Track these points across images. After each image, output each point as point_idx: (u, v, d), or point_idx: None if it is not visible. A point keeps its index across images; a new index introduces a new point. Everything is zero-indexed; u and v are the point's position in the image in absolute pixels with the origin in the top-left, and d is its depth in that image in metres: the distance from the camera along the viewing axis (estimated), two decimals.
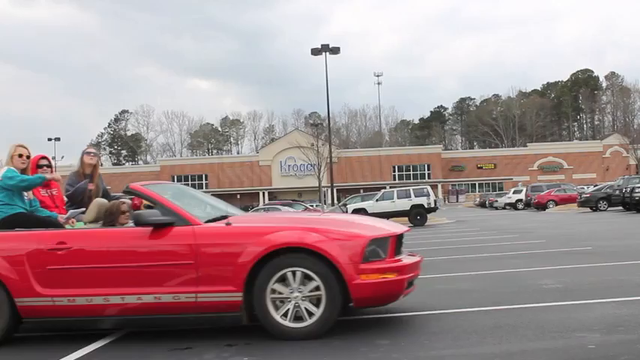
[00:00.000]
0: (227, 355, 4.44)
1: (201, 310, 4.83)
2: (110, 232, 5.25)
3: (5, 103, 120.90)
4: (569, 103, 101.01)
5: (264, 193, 71.04)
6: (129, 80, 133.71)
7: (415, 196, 29.35)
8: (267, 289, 4.73)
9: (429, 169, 72.19)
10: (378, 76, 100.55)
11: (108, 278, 4.92)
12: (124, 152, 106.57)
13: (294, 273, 4.73)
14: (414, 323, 5.08)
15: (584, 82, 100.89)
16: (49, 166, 6.23)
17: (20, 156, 5.66)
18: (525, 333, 4.55)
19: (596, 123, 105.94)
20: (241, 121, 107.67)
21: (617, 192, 27.26)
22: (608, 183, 33.91)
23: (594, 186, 35.10)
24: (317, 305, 4.72)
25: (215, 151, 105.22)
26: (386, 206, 27.28)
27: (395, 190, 32.53)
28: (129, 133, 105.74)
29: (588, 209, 29.58)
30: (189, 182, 71.13)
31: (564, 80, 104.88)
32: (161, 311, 4.88)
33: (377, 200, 30.39)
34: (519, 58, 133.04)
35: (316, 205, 42.40)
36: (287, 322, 4.74)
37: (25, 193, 5.62)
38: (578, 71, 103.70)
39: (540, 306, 5.51)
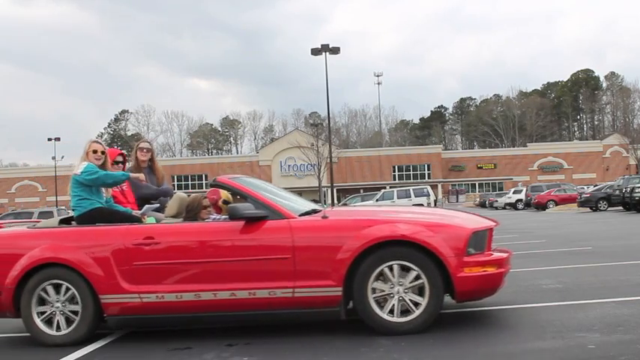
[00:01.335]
0: (227, 355, 4.44)
1: (298, 305, 4.74)
2: (200, 226, 5.14)
3: (5, 103, 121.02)
4: (569, 103, 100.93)
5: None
6: (129, 80, 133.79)
7: (415, 196, 29.41)
8: (368, 284, 4.64)
9: (429, 169, 72.14)
10: (378, 76, 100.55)
11: (199, 274, 4.81)
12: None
13: (396, 266, 4.64)
14: None
15: (584, 82, 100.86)
16: (124, 162, 6.18)
17: (95, 152, 5.50)
18: (525, 333, 4.55)
19: (596, 123, 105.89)
20: (240, 121, 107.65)
21: (617, 192, 27.25)
22: (608, 183, 33.91)
23: (594, 186, 35.10)
24: (420, 300, 4.64)
25: (215, 151, 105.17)
26: None
27: (395, 190, 32.62)
28: (129, 133, 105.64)
29: (588, 209, 29.57)
30: (189, 182, 71.15)
31: (564, 80, 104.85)
32: (255, 307, 4.78)
33: (377, 200, 30.43)
34: (519, 58, 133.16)
35: None
36: (389, 317, 4.65)
37: (104, 189, 5.52)
38: (578, 71, 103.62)
39: (540, 306, 5.51)
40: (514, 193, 44.57)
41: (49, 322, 5.02)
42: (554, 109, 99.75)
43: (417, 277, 4.63)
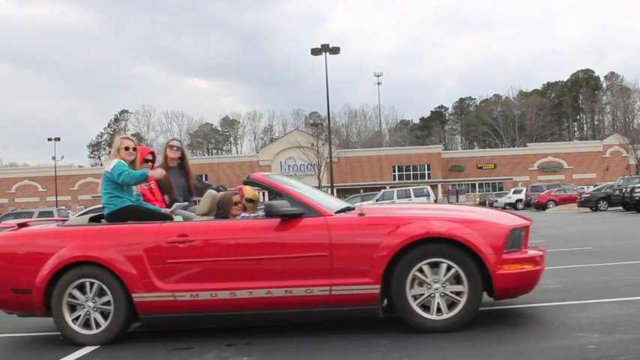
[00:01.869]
0: (227, 355, 4.44)
1: (335, 303, 4.71)
2: (234, 223, 5.11)
3: (5, 103, 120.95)
4: (569, 103, 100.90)
5: (263, 192, 70.80)
6: (129, 80, 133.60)
7: (415, 196, 29.37)
8: (406, 281, 4.62)
9: (429, 169, 72.11)
10: (378, 76, 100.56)
11: (234, 272, 4.78)
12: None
13: (435, 264, 4.62)
14: None
15: (584, 82, 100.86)
16: (153, 161, 6.13)
17: (127, 149, 5.46)
18: (525, 333, 4.55)
19: (596, 123, 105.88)
20: (239, 121, 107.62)
21: (617, 192, 27.26)
22: (608, 183, 33.93)
23: (594, 186, 35.11)
24: (458, 297, 4.63)
25: (215, 151, 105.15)
26: None
27: (395, 190, 32.60)
28: (129, 133, 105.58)
29: (588, 209, 29.58)
30: None
31: (564, 80, 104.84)
32: (291, 305, 4.76)
33: (377, 200, 30.40)
34: (520, 57, 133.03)
35: None
36: (428, 315, 4.65)
37: (134, 187, 5.48)
38: (578, 71, 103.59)
39: (540, 306, 5.50)
40: (514, 193, 44.60)
41: (80, 321, 4.97)
42: (554, 109, 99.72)
43: (456, 275, 4.63)
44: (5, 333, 5.83)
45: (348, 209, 5.23)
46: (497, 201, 46.62)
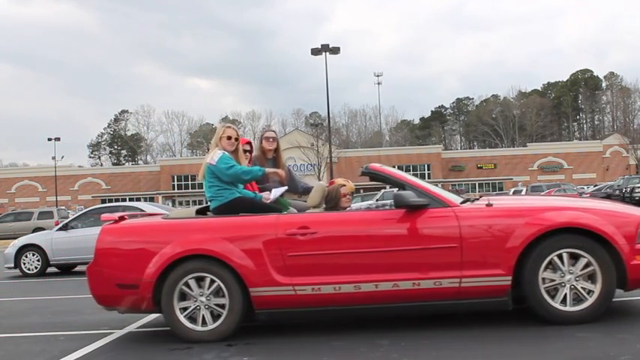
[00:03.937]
0: (227, 355, 4.44)
1: (464, 295, 4.63)
2: (357, 214, 5.01)
3: (4, 103, 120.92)
4: (569, 103, 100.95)
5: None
6: (128, 79, 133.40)
7: None
8: (539, 272, 4.56)
9: (429, 169, 72.14)
10: (378, 76, 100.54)
11: (359, 264, 4.66)
12: (124, 152, 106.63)
13: (567, 254, 4.56)
14: (414, 324, 5.07)
15: (584, 82, 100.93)
16: (251, 152, 5.94)
17: (229, 138, 5.23)
18: (526, 333, 4.55)
19: (596, 123, 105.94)
20: (239, 121, 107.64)
21: (617, 192, 27.30)
22: (608, 183, 33.96)
23: (594, 186, 35.14)
24: (592, 288, 4.58)
25: None
26: None
27: (395, 190, 32.48)
28: (129, 133, 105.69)
29: None
30: (190, 182, 71.17)
31: (564, 80, 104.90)
32: (419, 298, 4.65)
33: (377, 200, 30.37)
34: (520, 57, 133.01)
35: None
36: (561, 306, 4.59)
37: None
38: (578, 71, 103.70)
39: None
40: (514, 193, 44.52)
41: (192, 316, 4.84)
42: (554, 109, 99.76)
43: (589, 265, 4.57)
44: (5, 333, 5.84)
45: (469, 200, 5.19)
46: None
